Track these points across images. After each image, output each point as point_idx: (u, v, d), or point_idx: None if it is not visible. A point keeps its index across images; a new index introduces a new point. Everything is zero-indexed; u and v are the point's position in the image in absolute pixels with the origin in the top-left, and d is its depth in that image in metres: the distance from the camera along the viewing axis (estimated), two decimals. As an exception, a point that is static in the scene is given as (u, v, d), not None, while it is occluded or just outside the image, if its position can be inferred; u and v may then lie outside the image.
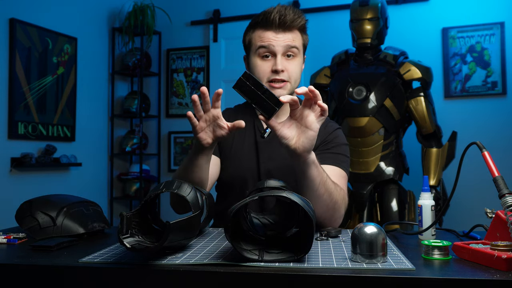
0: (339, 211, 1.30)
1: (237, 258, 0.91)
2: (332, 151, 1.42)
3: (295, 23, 1.41)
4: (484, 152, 1.01)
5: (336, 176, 1.35)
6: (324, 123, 1.48)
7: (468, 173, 1.82)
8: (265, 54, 1.42)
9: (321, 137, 1.44)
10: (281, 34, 1.41)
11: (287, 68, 1.41)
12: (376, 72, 2.71)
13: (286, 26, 1.40)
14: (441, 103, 3.43)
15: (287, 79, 1.41)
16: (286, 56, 1.42)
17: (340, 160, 1.41)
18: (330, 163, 1.38)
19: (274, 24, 1.40)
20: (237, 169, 1.46)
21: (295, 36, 1.43)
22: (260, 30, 1.43)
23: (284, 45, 1.40)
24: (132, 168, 4.14)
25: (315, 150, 1.41)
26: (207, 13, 4.18)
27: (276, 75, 1.40)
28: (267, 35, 1.41)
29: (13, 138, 3.14)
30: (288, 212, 1.12)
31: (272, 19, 1.39)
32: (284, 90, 1.41)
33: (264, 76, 1.42)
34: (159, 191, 0.98)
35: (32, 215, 1.22)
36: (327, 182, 1.23)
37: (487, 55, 3.41)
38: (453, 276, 0.80)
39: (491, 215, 1.01)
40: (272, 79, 1.41)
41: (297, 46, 1.43)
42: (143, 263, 0.90)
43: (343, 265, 0.88)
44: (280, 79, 1.40)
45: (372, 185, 2.71)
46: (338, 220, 1.33)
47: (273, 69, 1.40)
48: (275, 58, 1.41)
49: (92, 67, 3.89)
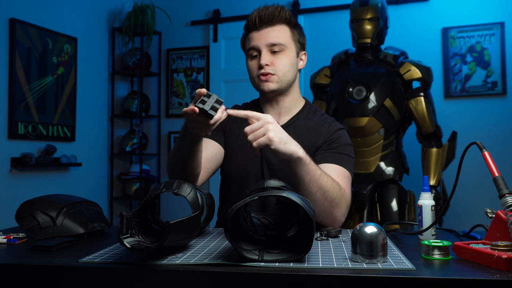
0: (337, 209, 1.29)
1: (237, 258, 0.91)
2: (335, 151, 1.42)
3: (273, 16, 1.44)
4: (484, 152, 1.01)
5: (339, 176, 1.35)
6: (328, 123, 1.50)
7: (468, 173, 1.82)
8: (252, 53, 1.47)
9: (324, 137, 1.46)
10: (263, 30, 1.45)
11: (273, 62, 1.44)
12: (376, 72, 2.71)
13: (266, 21, 1.44)
14: (441, 103, 3.43)
15: (273, 72, 1.44)
16: (272, 52, 1.44)
17: (343, 160, 1.41)
18: (332, 162, 1.39)
19: (255, 23, 1.45)
20: (241, 161, 1.48)
21: (279, 29, 1.45)
22: (248, 33, 1.49)
23: (266, 40, 1.43)
24: (132, 168, 4.14)
25: (318, 149, 1.43)
26: (207, 13, 4.17)
27: (262, 69, 1.44)
28: (252, 35, 1.47)
29: (13, 138, 3.14)
30: (288, 212, 1.12)
31: (252, 18, 1.45)
32: (271, 82, 1.44)
33: (254, 74, 1.47)
34: (159, 191, 0.98)
35: (32, 215, 1.22)
36: (321, 180, 1.23)
37: (487, 55, 3.41)
38: (453, 276, 0.80)
39: (491, 215, 1.01)
40: (260, 74, 1.44)
41: (283, 39, 1.45)
42: (143, 263, 0.90)
43: (343, 265, 0.88)
44: (266, 72, 1.43)
45: (372, 185, 2.71)
46: (338, 218, 1.31)
47: (258, 65, 1.45)
48: (260, 55, 1.45)
49: (92, 67, 3.89)
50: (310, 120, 1.51)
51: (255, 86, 1.49)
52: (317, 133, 1.47)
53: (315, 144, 1.45)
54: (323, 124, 1.49)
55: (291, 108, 1.51)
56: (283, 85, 1.45)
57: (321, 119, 1.52)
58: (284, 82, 1.45)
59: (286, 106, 1.50)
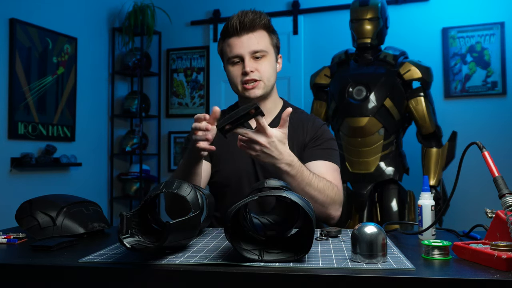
0: (331, 208, 1.36)
1: (237, 258, 0.91)
2: (322, 147, 1.48)
3: (255, 23, 1.45)
4: (484, 152, 1.01)
5: (329, 170, 1.42)
6: (311, 120, 1.55)
7: (468, 173, 1.82)
8: (234, 60, 1.47)
9: (310, 134, 1.51)
10: (244, 36, 1.45)
11: (257, 68, 1.45)
12: (376, 72, 2.70)
13: (247, 28, 1.44)
14: (441, 103, 3.43)
15: (258, 78, 1.45)
16: (255, 58, 1.45)
17: (330, 154, 1.48)
18: (321, 158, 1.45)
19: (236, 29, 1.45)
20: (233, 170, 1.50)
21: (259, 36, 1.46)
22: (227, 39, 1.49)
23: (249, 47, 1.44)
24: (132, 168, 4.14)
25: (305, 146, 1.45)
26: (207, 13, 4.18)
27: (246, 76, 1.44)
28: (232, 41, 1.46)
29: (13, 138, 3.14)
30: (288, 212, 1.12)
31: (233, 25, 1.45)
32: (258, 89, 1.46)
33: (237, 81, 1.47)
34: (159, 191, 0.98)
35: (32, 215, 1.22)
36: (310, 186, 1.28)
37: (487, 55, 3.41)
38: (453, 276, 0.81)
39: (491, 215, 1.01)
40: (244, 81, 1.45)
41: (264, 46, 1.46)
42: (143, 263, 0.90)
43: (343, 265, 0.88)
44: (252, 79, 1.44)
45: (372, 185, 2.71)
46: (332, 215, 1.38)
47: (242, 72, 1.45)
48: (243, 62, 1.45)
49: (92, 67, 3.89)
50: (292, 118, 1.52)
51: (238, 92, 1.49)
52: (303, 130, 1.51)
53: (302, 141, 1.50)
54: (307, 121, 1.53)
55: (272, 110, 1.54)
56: (267, 90, 1.48)
57: (302, 116, 1.56)
58: (269, 87, 1.48)
59: (268, 108, 1.52)
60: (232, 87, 1.51)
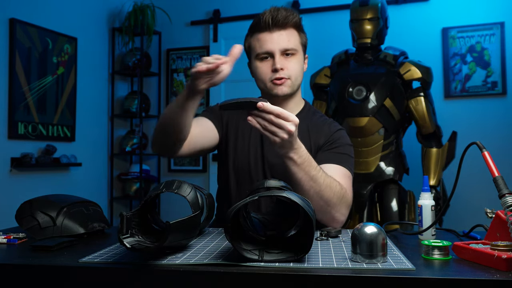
0: (336, 209, 1.30)
1: (237, 258, 0.91)
2: (336, 151, 1.44)
3: (288, 20, 1.43)
4: (484, 152, 1.01)
5: (339, 175, 1.36)
6: (328, 123, 1.52)
7: (468, 173, 1.82)
8: (263, 56, 1.45)
9: (325, 137, 1.48)
10: (276, 33, 1.43)
11: (286, 66, 1.43)
12: (376, 72, 2.70)
13: (280, 24, 1.43)
14: (441, 103, 3.43)
15: (287, 77, 1.44)
16: (285, 55, 1.44)
17: (344, 160, 1.43)
18: (333, 162, 1.40)
19: (268, 25, 1.42)
20: (242, 160, 1.49)
21: (290, 34, 1.45)
22: (256, 34, 1.46)
23: (280, 44, 1.42)
24: (132, 168, 4.14)
25: (320, 149, 1.44)
26: (207, 13, 4.17)
27: (276, 73, 1.42)
28: (263, 37, 1.44)
29: (13, 138, 3.14)
30: (288, 212, 1.12)
31: (265, 20, 1.43)
32: (284, 86, 1.44)
33: (265, 77, 1.45)
34: (159, 191, 0.98)
35: (32, 215, 1.22)
36: (316, 180, 1.24)
37: (487, 55, 3.41)
38: (453, 276, 0.81)
39: (491, 215, 1.01)
40: (274, 78, 1.43)
41: (294, 44, 1.45)
42: (143, 263, 0.90)
43: (343, 265, 0.88)
44: (280, 77, 1.43)
45: (372, 185, 2.71)
46: (337, 218, 1.32)
47: (272, 69, 1.43)
48: (273, 59, 1.43)
49: (92, 67, 3.89)
50: (310, 120, 1.52)
51: (266, 89, 1.46)
52: (319, 133, 1.48)
53: (316, 143, 1.47)
54: (323, 125, 1.51)
55: (293, 109, 1.52)
56: (294, 89, 1.47)
57: (321, 119, 1.54)
58: (296, 86, 1.47)
59: (290, 107, 1.51)
60: (257, 83, 1.48)
